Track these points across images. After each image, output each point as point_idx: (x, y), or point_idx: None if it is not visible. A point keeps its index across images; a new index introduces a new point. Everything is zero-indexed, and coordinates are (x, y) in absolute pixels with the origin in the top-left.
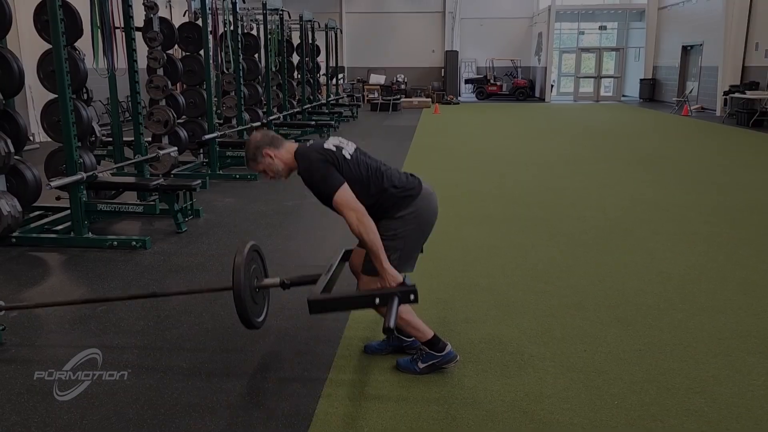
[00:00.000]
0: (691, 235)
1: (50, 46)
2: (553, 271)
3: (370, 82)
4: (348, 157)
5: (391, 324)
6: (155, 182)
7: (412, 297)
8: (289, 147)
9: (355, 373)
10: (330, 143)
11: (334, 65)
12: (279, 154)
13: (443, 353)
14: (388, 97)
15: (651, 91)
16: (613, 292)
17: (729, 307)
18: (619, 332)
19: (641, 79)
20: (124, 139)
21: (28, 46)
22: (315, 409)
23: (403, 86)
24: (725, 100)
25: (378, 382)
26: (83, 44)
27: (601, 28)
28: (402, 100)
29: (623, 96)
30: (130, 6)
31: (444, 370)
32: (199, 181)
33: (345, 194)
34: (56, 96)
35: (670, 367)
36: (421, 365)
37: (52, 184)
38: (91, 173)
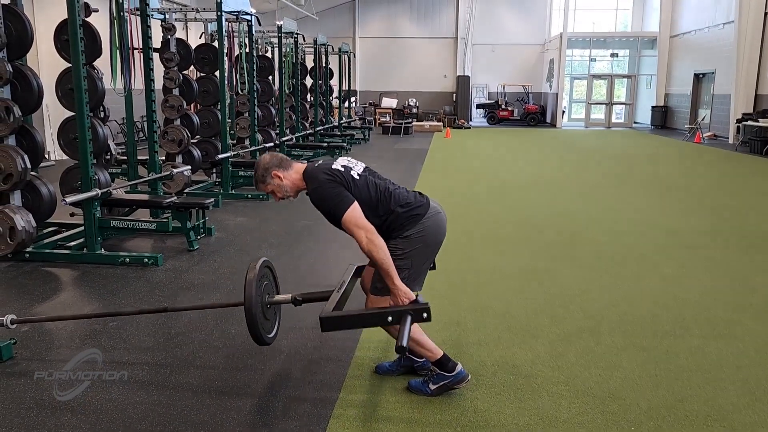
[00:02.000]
0: (706, 261)
1: (69, 66)
2: (567, 295)
3: (382, 105)
4: (356, 177)
5: (404, 343)
6: (168, 200)
7: (425, 315)
8: (298, 168)
9: (366, 393)
10: (338, 163)
11: (347, 88)
12: (287, 175)
13: (454, 373)
14: (400, 121)
15: (663, 118)
16: (628, 316)
17: (746, 333)
18: (634, 357)
19: (653, 107)
20: (139, 158)
21: (46, 65)
22: (325, 429)
23: (414, 110)
24: (738, 127)
25: (389, 403)
26: (101, 64)
27: (612, 55)
28: (413, 123)
29: (635, 123)
30: (149, 26)
31: (456, 391)
32: (212, 200)
33: (354, 214)
34: (73, 114)
35: (688, 393)
36: (432, 387)
37: (67, 200)
38: (105, 190)
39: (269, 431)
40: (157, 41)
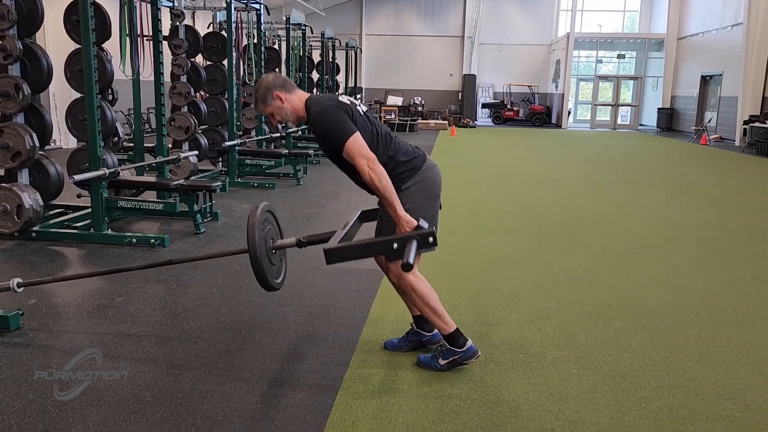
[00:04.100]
0: (716, 253)
1: (78, 47)
2: (575, 281)
3: (388, 103)
4: (361, 113)
5: (410, 260)
6: (176, 182)
7: (430, 240)
8: (301, 94)
9: (374, 368)
10: (344, 98)
11: (353, 85)
12: (289, 98)
13: (464, 348)
14: (405, 118)
15: (669, 120)
16: (637, 302)
17: (756, 320)
18: (644, 340)
19: (659, 108)
20: (145, 145)
21: (53, 48)
22: (334, 401)
23: (420, 108)
24: (745, 129)
25: (398, 377)
26: (110, 48)
27: (619, 56)
28: (419, 121)
29: (640, 125)
30: (159, 9)
31: (465, 366)
32: (219, 183)
33: (357, 141)
34: (82, 96)
35: (699, 373)
36: (442, 362)
37: (76, 177)
38: (113, 170)
39: (279, 401)
40: (165, 30)
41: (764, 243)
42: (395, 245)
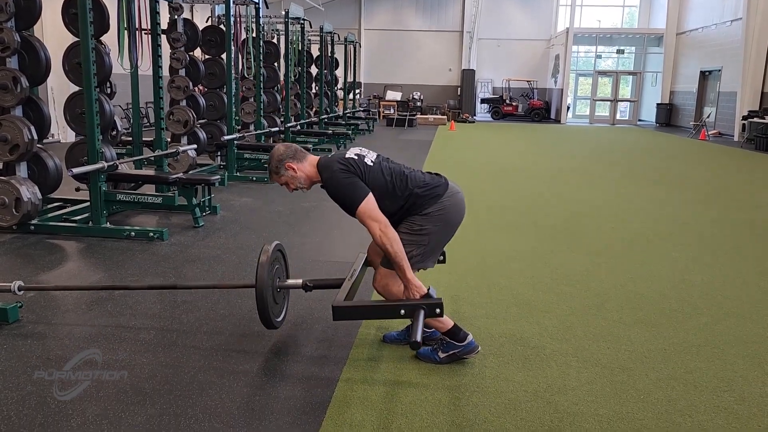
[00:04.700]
0: (714, 247)
1: (76, 40)
2: (573, 275)
3: (387, 98)
4: (370, 164)
5: (418, 338)
6: (175, 175)
7: (437, 311)
8: (312, 160)
9: (373, 359)
10: (351, 153)
11: (352, 79)
12: (301, 167)
13: (464, 343)
14: (404, 113)
15: (667, 115)
16: (636, 296)
17: (755, 313)
18: (642, 332)
19: (658, 104)
20: (143, 139)
21: (51, 41)
22: (333, 391)
23: (419, 103)
24: (743, 125)
25: (397, 369)
26: (109, 41)
27: (618, 52)
28: (418, 116)
29: (639, 120)
30: (157, 2)
31: (464, 360)
32: (218, 177)
33: (368, 205)
34: (80, 89)
35: (697, 366)
36: (441, 355)
37: (74, 170)
38: (111, 163)
39: (277, 391)
40: (163, 24)
41: (762, 238)
42: (402, 311)
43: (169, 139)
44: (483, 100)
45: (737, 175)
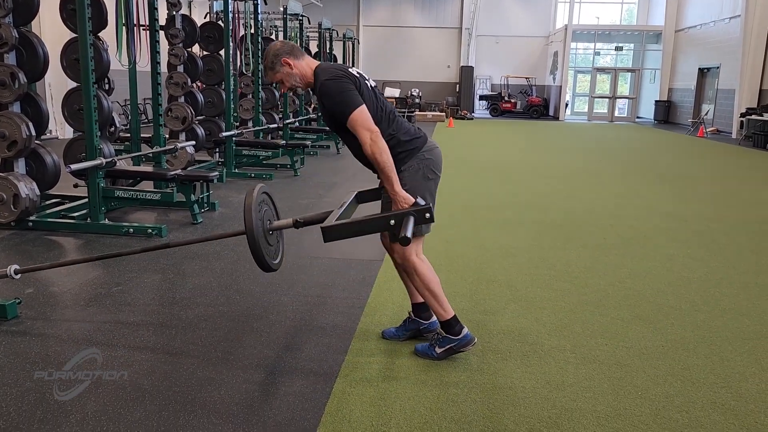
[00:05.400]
0: (712, 244)
1: (74, 36)
2: (572, 271)
3: (385, 95)
4: (370, 87)
5: (408, 234)
6: (173, 172)
7: (427, 216)
8: (310, 61)
9: (372, 356)
10: (353, 70)
11: None
12: (298, 64)
13: (460, 336)
14: (403, 110)
15: (666, 112)
16: (633, 292)
17: (753, 310)
18: (640, 329)
19: (656, 101)
20: (142, 135)
21: (49, 37)
22: (332, 389)
23: (417, 100)
24: (741, 122)
25: (396, 365)
26: (107, 37)
27: (617, 48)
28: (416, 113)
29: (637, 117)
30: None
31: (462, 354)
32: (216, 173)
33: (363, 114)
34: (78, 85)
35: (695, 363)
36: (438, 350)
37: (72, 167)
38: (110, 159)
39: (276, 390)
40: (162, 19)
41: (760, 234)
42: (392, 221)
43: (167, 136)
44: (481, 97)
45: (735, 173)
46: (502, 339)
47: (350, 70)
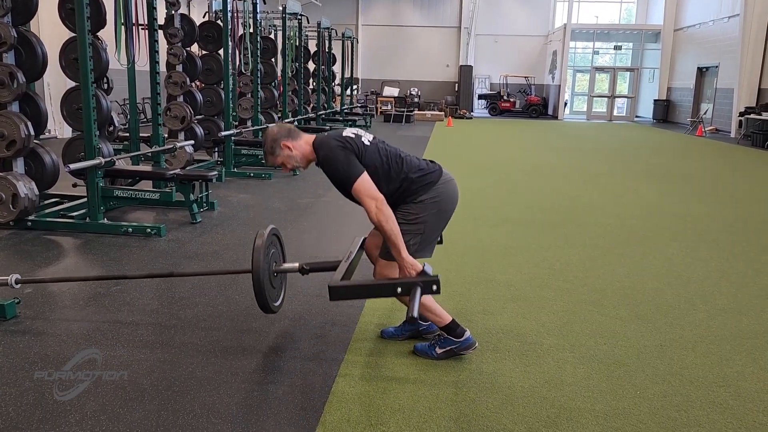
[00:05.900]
0: (711, 243)
1: (73, 35)
2: (570, 270)
3: (384, 94)
4: (367, 144)
5: (415, 313)
6: (172, 171)
7: (434, 288)
8: (307, 138)
9: (371, 355)
10: (348, 132)
11: (350, 75)
12: (297, 145)
13: (461, 339)
14: (402, 109)
15: (665, 112)
16: (632, 291)
17: (751, 309)
18: (639, 328)
19: (655, 100)
20: (141, 134)
21: (48, 36)
22: (331, 387)
23: (416, 99)
24: (740, 121)
25: (394, 365)
26: (105, 37)
27: (616, 48)
28: (415, 112)
29: (636, 116)
30: None
31: (462, 356)
32: (215, 172)
33: (365, 182)
34: (77, 84)
35: (693, 362)
36: (438, 350)
37: (71, 166)
38: (109, 159)
39: (275, 387)
40: (161, 20)
41: (759, 234)
42: (399, 289)
43: (166, 135)
44: (480, 96)
45: (734, 172)
46: (500, 338)
47: (345, 134)
